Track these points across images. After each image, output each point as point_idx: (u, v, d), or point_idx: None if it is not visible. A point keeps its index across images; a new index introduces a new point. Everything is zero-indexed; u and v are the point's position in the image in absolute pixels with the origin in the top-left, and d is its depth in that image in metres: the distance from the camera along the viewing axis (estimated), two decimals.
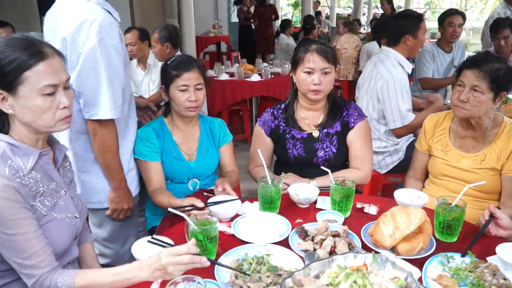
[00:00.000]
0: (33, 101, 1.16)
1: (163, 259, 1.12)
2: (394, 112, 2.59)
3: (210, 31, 9.20)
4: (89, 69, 1.55)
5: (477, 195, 1.90)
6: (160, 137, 1.90)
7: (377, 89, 2.64)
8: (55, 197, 1.28)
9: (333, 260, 1.07)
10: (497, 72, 1.77)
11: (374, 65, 2.74)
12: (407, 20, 2.65)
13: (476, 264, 1.26)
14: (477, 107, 1.80)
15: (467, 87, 1.81)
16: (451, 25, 3.57)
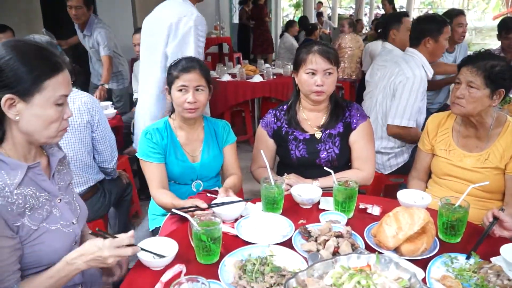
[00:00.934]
0: (46, 110, 1.17)
1: (104, 251, 1.17)
2: (400, 108, 2.56)
3: (212, 32, 9.21)
4: (184, 42, 2.39)
5: (480, 195, 1.90)
6: (164, 138, 1.90)
7: (395, 84, 2.60)
8: (48, 207, 1.26)
9: (337, 261, 1.07)
10: (492, 69, 1.78)
11: (396, 63, 2.70)
12: (430, 24, 2.64)
13: (480, 265, 1.25)
14: (473, 104, 1.81)
15: (463, 83, 1.84)
16: (461, 25, 3.52)
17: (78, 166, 2.20)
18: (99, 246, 1.18)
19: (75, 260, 1.18)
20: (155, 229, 1.96)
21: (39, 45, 1.20)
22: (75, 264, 1.18)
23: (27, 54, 1.15)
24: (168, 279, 1.21)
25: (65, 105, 1.23)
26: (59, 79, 1.18)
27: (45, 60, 1.17)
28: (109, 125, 2.40)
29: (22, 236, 1.18)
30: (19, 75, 1.12)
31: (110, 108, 3.40)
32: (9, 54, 1.13)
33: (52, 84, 1.16)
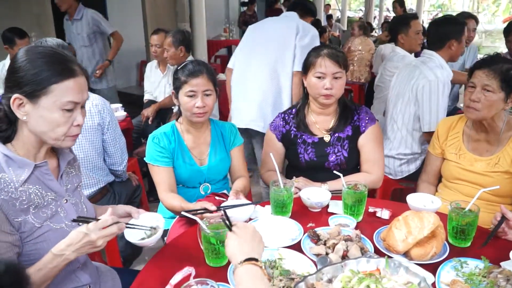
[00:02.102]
0: (52, 113, 1.19)
1: (91, 235, 1.18)
2: (433, 113, 2.50)
3: (221, 35, 9.25)
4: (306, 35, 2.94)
5: (490, 199, 1.88)
6: (172, 142, 1.91)
7: (417, 89, 2.54)
8: (54, 206, 1.29)
9: (346, 265, 1.07)
10: (508, 72, 1.77)
11: (414, 67, 2.66)
12: (452, 25, 2.63)
13: (489, 269, 1.25)
14: (488, 107, 1.80)
15: (478, 87, 1.82)
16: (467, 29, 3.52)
17: (88, 168, 2.23)
18: (85, 231, 1.18)
19: (63, 252, 1.18)
20: (164, 231, 1.97)
21: (54, 50, 1.22)
22: (64, 255, 1.18)
23: (40, 58, 1.18)
24: (178, 281, 1.22)
25: (75, 111, 1.23)
26: (69, 84, 1.19)
27: (56, 64, 1.18)
28: (120, 128, 2.42)
29: (25, 232, 1.21)
30: (28, 77, 1.16)
31: (120, 110, 3.43)
32: (25, 56, 1.18)
33: (60, 88, 1.18)
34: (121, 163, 2.40)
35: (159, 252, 1.43)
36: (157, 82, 4.03)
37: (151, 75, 4.08)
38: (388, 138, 2.76)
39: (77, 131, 1.27)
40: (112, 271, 1.60)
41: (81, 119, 1.25)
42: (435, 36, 2.67)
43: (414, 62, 2.75)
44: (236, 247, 1.09)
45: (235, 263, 1.06)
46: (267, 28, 3.07)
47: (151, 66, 4.09)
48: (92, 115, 2.21)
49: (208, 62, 7.50)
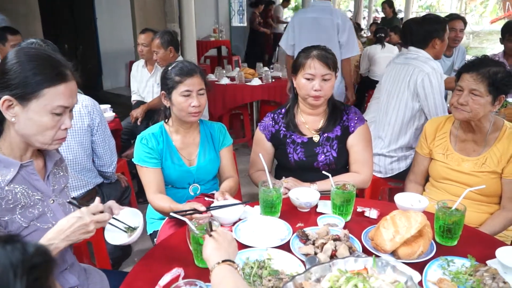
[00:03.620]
0: (41, 117, 1.19)
1: (85, 217, 1.18)
2: (439, 104, 2.52)
3: (211, 35, 9.23)
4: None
5: (477, 199, 1.91)
6: (160, 143, 1.91)
7: (416, 84, 2.55)
8: (40, 207, 1.28)
9: (334, 264, 1.07)
10: (495, 76, 1.78)
11: (404, 64, 2.67)
12: (435, 24, 2.65)
13: (476, 268, 1.26)
14: (476, 110, 1.82)
15: (465, 90, 1.83)
16: (453, 30, 3.56)
17: (77, 170, 2.21)
18: (78, 215, 1.19)
19: (52, 240, 1.17)
20: (153, 232, 1.97)
21: (48, 54, 1.22)
22: (54, 244, 1.17)
23: (33, 61, 1.17)
24: (166, 282, 1.22)
25: (64, 116, 1.23)
26: (60, 89, 1.19)
27: (49, 68, 1.18)
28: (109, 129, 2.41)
29: (12, 231, 1.20)
30: (20, 79, 1.15)
31: (109, 111, 3.40)
32: (17, 58, 1.17)
33: (51, 93, 1.17)
34: (110, 165, 2.38)
35: (148, 253, 1.42)
36: (145, 81, 4.00)
37: (137, 74, 4.05)
38: (379, 137, 2.78)
39: (64, 135, 1.27)
40: (101, 272, 1.59)
41: (69, 123, 1.25)
42: (419, 35, 2.69)
43: (400, 60, 2.76)
44: (214, 250, 1.11)
45: (212, 264, 1.07)
46: (313, 21, 3.84)
47: (138, 66, 4.05)
48: (82, 116, 2.19)
49: (198, 62, 7.48)
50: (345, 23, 3.79)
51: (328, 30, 3.79)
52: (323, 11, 3.85)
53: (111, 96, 7.48)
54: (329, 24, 3.78)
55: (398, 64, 2.73)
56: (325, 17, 3.81)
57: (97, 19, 7.76)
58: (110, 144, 2.36)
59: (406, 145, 2.69)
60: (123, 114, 4.01)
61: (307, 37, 3.72)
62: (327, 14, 3.81)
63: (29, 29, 5.49)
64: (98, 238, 1.95)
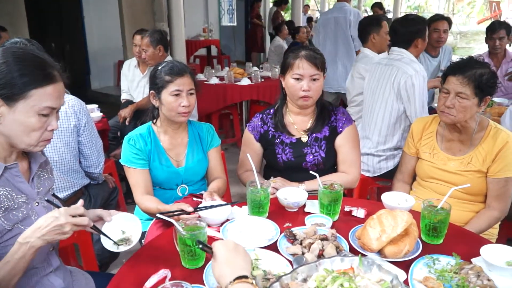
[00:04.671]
0: (28, 118, 1.17)
1: (61, 218, 1.15)
2: (419, 105, 2.56)
3: (200, 35, 9.21)
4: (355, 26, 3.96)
5: (463, 197, 1.93)
6: (148, 144, 1.89)
7: (400, 85, 2.58)
8: (24, 209, 1.26)
9: (320, 264, 1.08)
10: (481, 78, 1.80)
11: (387, 65, 2.71)
12: (417, 25, 2.70)
13: (461, 266, 1.27)
14: (463, 112, 1.83)
15: (452, 93, 1.84)
16: (436, 31, 3.62)
17: (63, 171, 2.19)
18: (55, 215, 1.16)
19: (28, 239, 1.14)
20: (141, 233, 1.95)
21: (35, 55, 1.21)
22: (30, 242, 1.14)
23: (21, 62, 1.16)
24: (153, 284, 1.21)
25: (51, 117, 1.22)
26: (48, 90, 1.18)
27: (37, 69, 1.17)
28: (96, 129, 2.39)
29: None
30: (6, 80, 1.13)
31: (96, 111, 3.37)
32: (4, 58, 1.15)
33: (39, 94, 1.16)
34: (97, 166, 2.36)
35: (134, 254, 1.41)
36: (136, 82, 3.98)
37: (129, 74, 4.02)
38: (366, 137, 2.80)
39: (50, 136, 1.26)
40: (87, 275, 1.58)
41: (56, 124, 1.24)
42: (403, 35, 2.73)
43: (384, 61, 2.80)
44: (221, 268, 1.03)
45: (225, 286, 0.98)
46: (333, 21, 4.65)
47: (129, 65, 4.03)
48: (68, 116, 2.17)
49: (187, 62, 7.46)
50: (357, 19, 4.37)
51: (343, 27, 4.58)
52: (341, 10, 4.64)
53: (99, 96, 7.42)
54: (344, 21, 4.55)
55: (382, 65, 2.76)
56: (341, 15, 4.57)
57: (84, 18, 7.70)
58: (97, 145, 2.34)
59: (394, 146, 2.71)
60: (111, 114, 3.98)
61: (329, 34, 4.66)
62: (343, 13, 4.58)
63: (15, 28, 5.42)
64: (85, 239, 1.93)
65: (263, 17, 11.51)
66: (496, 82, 1.85)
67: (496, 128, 1.91)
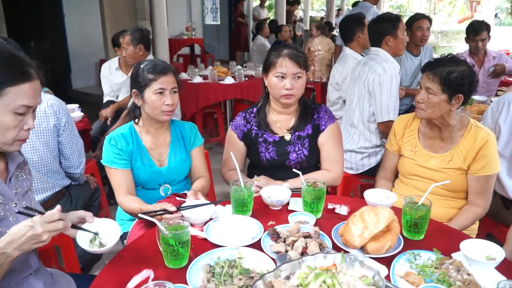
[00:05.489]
0: (3, 116, 1.15)
1: (37, 228, 1.12)
2: (384, 104, 2.62)
3: (183, 33, 9.16)
4: None
5: (444, 194, 1.96)
6: (130, 144, 1.87)
7: (368, 82, 2.66)
8: (2, 211, 1.23)
9: (303, 261, 1.08)
10: (449, 75, 1.83)
11: (364, 64, 2.78)
12: (385, 23, 2.74)
13: (441, 261, 1.30)
14: (431, 108, 1.88)
15: (423, 89, 1.90)
16: (420, 29, 3.66)
17: (43, 172, 2.14)
18: (30, 224, 1.13)
19: (4, 250, 1.11)
20: (123, 234, 1.93)
21: (10, 52, 1.18)
22: (6, 253, 1.12)
23: None
24: (135, 285, 1.20)
25: (27, 115, 1.20)
26: (24, 88, 1.16)
27: (12, 67, 1.15)
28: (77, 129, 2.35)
29: None
30: None
31: (77, 110, 3.32)
32: None
33: (14, 91, 1.14)
34: (78, 166, 2.32)
35: (116, 255, 1.39)
36: (120, 83, 3.90)
37: (111, 77, 3.93)
38: (348, 133, 2.84)
39: (26, 136, 1.23)
40: (68, 276, 1.55)
41: (32, 123, 1.22)
42: (373, 34, 2.80)
43: (363, 60, 2.87)
44: None
45: None
46: None
47: (109, 67, 3.92)
48: (47, 116, 2.13)
49: (170, 61, 7.41)
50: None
51: None
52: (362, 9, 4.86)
53: (81, 95, 7.31)
54: None
55: (360, 64, 2.82)
56: None
57: (64, 16, 7.57)
58: (77, 145, 2.30)
59: (376, 144, 2.75)
60: (93, 114, 3.93)
61: None
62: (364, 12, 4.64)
63: None
64: (66, 241, 1.90)
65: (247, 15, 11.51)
66: (472, 81, 1.87)
67: (477, 126, 1.94)
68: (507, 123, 2.20)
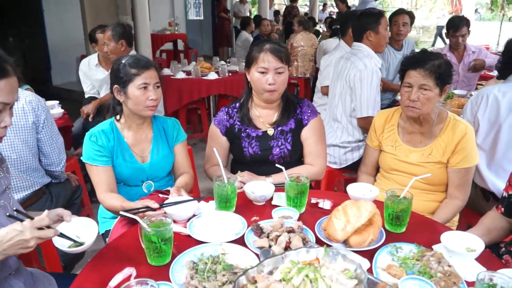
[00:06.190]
0: None
1: (26, 233, 1.11)
2: (364, 100, 2.64)
3: (166, 28, 9.06)
4: None
5: (425, 188, 1.99)
6: (111, 140, 1.84)
7: (350, 78, 2.68)
8: None
9: (286, 256, 1.08)
10: (440, 68, 1.86)
11: (346, 59, 2.80)
12: (367, 18, 2.76)
13: (422, 253, 1.31)
14: (427, 104, 1.88)
15: (415, 87, 1.88)
16: (395, 23, 3.75)
17: (22, 170, 2.10)
18: (19, 229, 1.11)
19: None
20: (105, 232, 1.90)
21: None
22: None
23: None
24: (118, 283, 1.18)
25: (4, 113, 1.17)
26: (1, 85, 1.13)
27: None
28: (56, 126, 2.30)
29: None
30: None
31: (57, 107, 3.26)
32: None
33: None
34: (58, 164, 2.28)
35: (98, 253, 1.37)
36: (101, 79, 3.83)
37: (91, 74, 3.85)
38: (331, 128, 2.85)
39: (3, 133, 1.21)
40: (49, 276, 1.52)
41: (9, 120, 1.19)
42: (355, 29, 2.83)
43: (346, 55, 2.88)
44: None
45: None
46: None
47: (89, 64, 3.85)
48: (25, 113, 2.08)
49: (153, 56, 7.33)
50: None
51: None
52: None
53: (61, 92, 7.18)
54: None
55: (343, 59, 2.84)
56: None
57: (44, 11, 7.41)
58: (57, 142, 2.25)
59: (358, 138, 2.78)
60: (75, 111, 3.85)
61: None
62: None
63: None
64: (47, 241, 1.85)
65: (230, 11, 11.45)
66: (452, 70, 1.92)
67: (455, 119, 1.97)
68: (486, 116, 2.24)
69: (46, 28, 7.49)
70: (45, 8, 7.42)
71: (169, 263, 1.28)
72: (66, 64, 7.77)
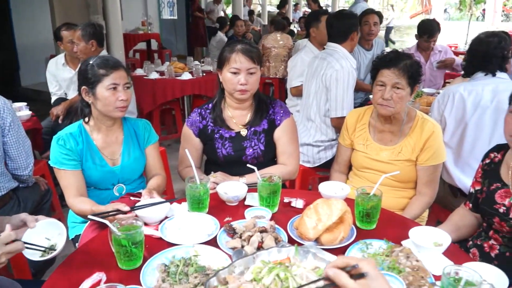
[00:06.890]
0: None
1: None
2: (339, 100, 2.68)
3: (139, 28, 8.92)
4: None
5: (395, 185, 2.03)
6: (79, 143, 1.81)
7: (326, 78, 2.71)
8: None
9: (258, 256, 1.09)
10: (412, 68, 1.90)
11: (321, 59, 2.82)
12: (353, 19, 2.83)
13: (392, 249, 1.34)
14: (400, 103, 1.92)
15: (388, 86, 1.91)
16: (366, 23, 3.81)
17: None
18: None
19: None
20: (75, 237, 1.87)
21: None
22: None
23: None
24: None
25: None
26: None
27: None
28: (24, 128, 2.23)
29: None
30: None
31: (25, 109, 3.16)
32: None
33: None
34: (26, 168, 2.21)
35: (67, 259, 1.35)
36: (68, 79, 3.76)
37: (58, 73, 3.77)
38: (305, 127, 2.88)
39: None
40: (16, 283, 1.48)
41: None
42: (340, 30, 2.83)
43: (321, 55, 2.91)
44: None
45: None
46: None
47: (56, 63, 3.76)
48: None
49: (126, 56, 7.21)
50: None
51: None
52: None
53: (30, 93, 6.98)
54: None
55: (318, 59, 2.86)
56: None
57: (11, 10, 7.18)
58: (25, 145, 2.19)
59: (331, 137, 2.81)
60: (44, 112, 3.76)
61: None
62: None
63: None
64: None
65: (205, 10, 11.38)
66: (421, 70, 1.97)
67: (423, 118, 2.02)
68: (452, 114, 2.31)
69: (14, 27, 7.27)
70: (12, 7, 7.20)
71: (140, 266, 1.26)
72: (35, 64, 7.55)
